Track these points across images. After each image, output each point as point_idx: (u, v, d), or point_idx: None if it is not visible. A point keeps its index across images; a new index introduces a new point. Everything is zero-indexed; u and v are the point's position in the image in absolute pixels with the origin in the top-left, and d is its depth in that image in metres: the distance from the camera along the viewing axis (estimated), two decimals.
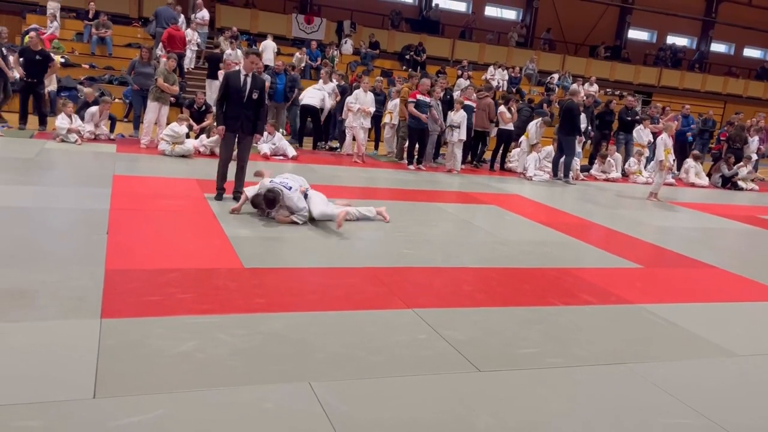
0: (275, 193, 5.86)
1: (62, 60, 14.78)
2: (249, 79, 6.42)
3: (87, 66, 15.07)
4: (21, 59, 10.58)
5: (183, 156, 9.40)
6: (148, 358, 3.02)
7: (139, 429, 2.45)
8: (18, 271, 3.99)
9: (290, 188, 5.97)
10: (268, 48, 16.26)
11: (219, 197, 6.66)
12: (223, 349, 3.21)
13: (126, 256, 4.54)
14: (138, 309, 3.60)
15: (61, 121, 9.64)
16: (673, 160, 11.82)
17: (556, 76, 21.08)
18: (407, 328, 3.75)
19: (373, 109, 11.43)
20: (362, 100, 11.26)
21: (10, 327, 3.20)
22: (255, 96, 6.46)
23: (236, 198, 6.51)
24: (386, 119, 12.36)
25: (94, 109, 10.39)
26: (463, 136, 11.05)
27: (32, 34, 11.19)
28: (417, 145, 11.08)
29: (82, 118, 10.17)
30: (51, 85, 13.04)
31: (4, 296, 3.58)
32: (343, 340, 3.49)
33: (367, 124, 11.44)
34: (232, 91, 6.41)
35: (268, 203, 5.88)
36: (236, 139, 6.64)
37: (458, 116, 10.98)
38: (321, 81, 12.20)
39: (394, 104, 12.01)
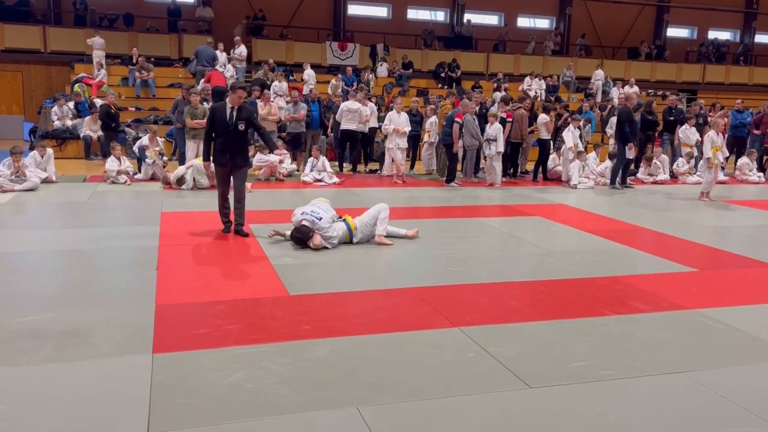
0: (303, 233, 5.96)
1: None
2: (235, 112, 6.40)
3: (133, 109, 15.65)
4: None
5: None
6: (199, 391, 3.07)
7: None
8: (73, 312, 4.13)
9: (320, 218, 6.02)
10: (312, 77, 16.75)
11: (227, 230, 6.61)
12: (271, 378, 3.24)
13: (175, 291, 4.65)
14: (188, 342, 3.67)
15: (110, 164, 10.01)
16: (726, 158, 11.44)
17: (600, 72, 20.63)
18: (454, 348, 3.71)
19: (408, 129, 11.43)
20: (396, 121, 11.29)
21: (67, 366, 3.31)
22: (241, 127, 6.42)
23: (238, 232, 6.51)
24: (425, 138, 12.37)
25: (144, 139, 10.75)
26: (501, 149, 10.96)
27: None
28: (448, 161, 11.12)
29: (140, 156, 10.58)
30: (99, 130, 13.59)
31: (61, 336, 3.70)
32: (390, 362, 3.48)
33: (403, 144, 11.44)
34: (219, 123, 6.41)
35: (298, 242, 6.02)
36: (230, 172, 6.55)
37: (493, 129, 10.91)
38: (357, 102, 12.22)
39: (431, 122, 12.03)
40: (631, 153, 11.27)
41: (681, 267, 5.77)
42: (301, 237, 5.98)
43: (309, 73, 16.98)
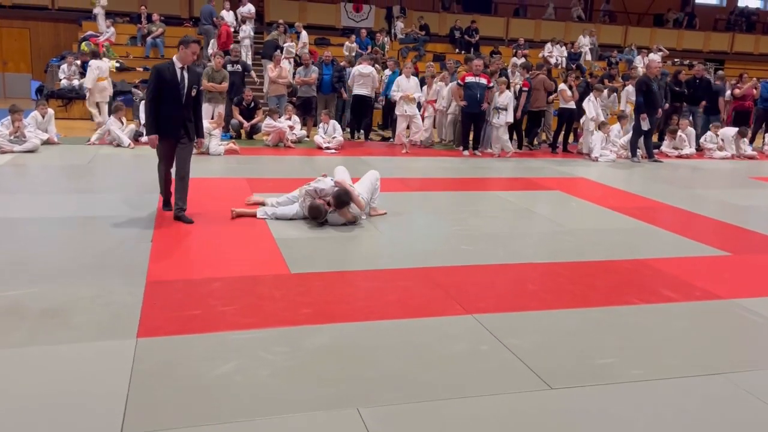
0: (349, 195, 5.39)
1: (117, 65, 15.00)
2: (186, 73, 5.37)
3: (141, 69, 15.23)
4: None
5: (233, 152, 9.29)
6: (182, 384, 2.77)
7: None
8: (57, 286, 3.83)
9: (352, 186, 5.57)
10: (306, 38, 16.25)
11: (169, 207, 5.73)
12: (264, 369, 2.93)
13: (169, 266, 4.34)
14: (177, 325, 3.37)
15: (113, 126, 9.68)
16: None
17: (586, 39, 19.73)
18: (467, 338, 3.38)
19: (418, 95, 10.93)
20: (404, 86, 10.79)
21: (41, 351, 3.02)
22: (194, 93, 5.44)
23: (179, 218, 5.45)
24: (439, 105, 11.78)
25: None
26: (510, 119, 10.44)
27: None
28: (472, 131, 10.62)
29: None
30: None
31: (40, 316, 3.41)
32: (396, 354, 3.16)
33: (412, 111, 10.93)
34: (167, 88, 5.31)
35: (340, 204, 5.37)
36: (175, 146, 5.51)
37: (504, 98, 10.36)
38: (369, 66, 11.68)
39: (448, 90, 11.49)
40: (645, 124, 10.60)
41: (712, 250, 5.38)
42: (347, 201, 5.38)
43: (304, 35, 16.26)
